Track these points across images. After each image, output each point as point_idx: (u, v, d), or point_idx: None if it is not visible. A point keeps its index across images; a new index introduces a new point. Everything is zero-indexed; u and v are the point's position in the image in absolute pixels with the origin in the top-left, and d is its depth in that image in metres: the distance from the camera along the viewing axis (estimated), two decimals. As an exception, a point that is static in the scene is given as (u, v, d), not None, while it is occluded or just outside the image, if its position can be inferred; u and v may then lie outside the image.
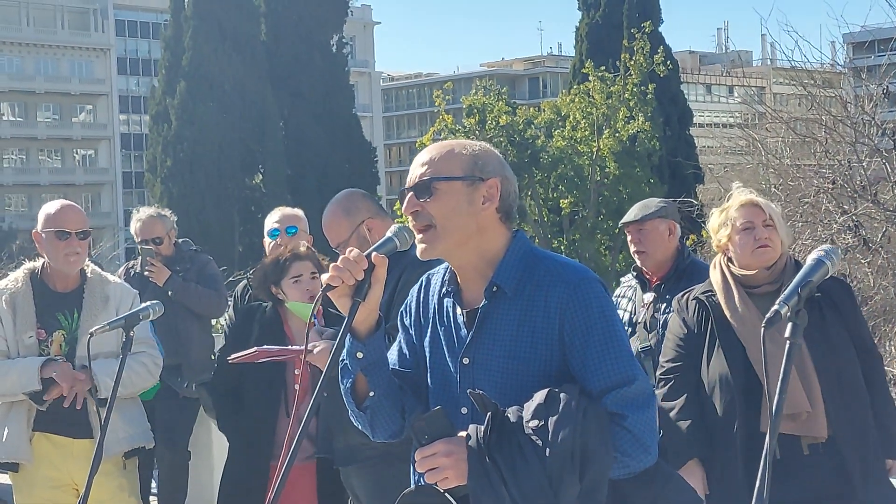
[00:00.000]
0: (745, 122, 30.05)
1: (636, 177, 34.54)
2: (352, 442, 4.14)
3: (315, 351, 4.25)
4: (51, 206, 4.83)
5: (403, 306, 2.99)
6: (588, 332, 2.67)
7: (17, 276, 4.83)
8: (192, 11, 47.73)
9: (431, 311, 2.89)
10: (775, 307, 2.31)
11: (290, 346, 4.60)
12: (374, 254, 2.71)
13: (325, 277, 2.68)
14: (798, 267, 4.04)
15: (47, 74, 74.48)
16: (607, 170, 34.29)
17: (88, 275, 4.85)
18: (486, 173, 2.78)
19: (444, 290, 2.86)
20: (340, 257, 2.68)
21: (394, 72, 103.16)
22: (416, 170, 2.81)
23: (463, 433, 2.63)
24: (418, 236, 2.77)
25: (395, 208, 26.93)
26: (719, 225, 4.14)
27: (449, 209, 2.74)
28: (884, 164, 13.79)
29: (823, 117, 15.13)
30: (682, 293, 4.27)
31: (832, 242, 12.71)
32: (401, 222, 2.97)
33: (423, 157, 2.82)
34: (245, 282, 5.82)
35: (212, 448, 6.88)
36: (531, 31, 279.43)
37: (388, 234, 2.80)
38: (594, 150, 33.55)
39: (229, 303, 6.26)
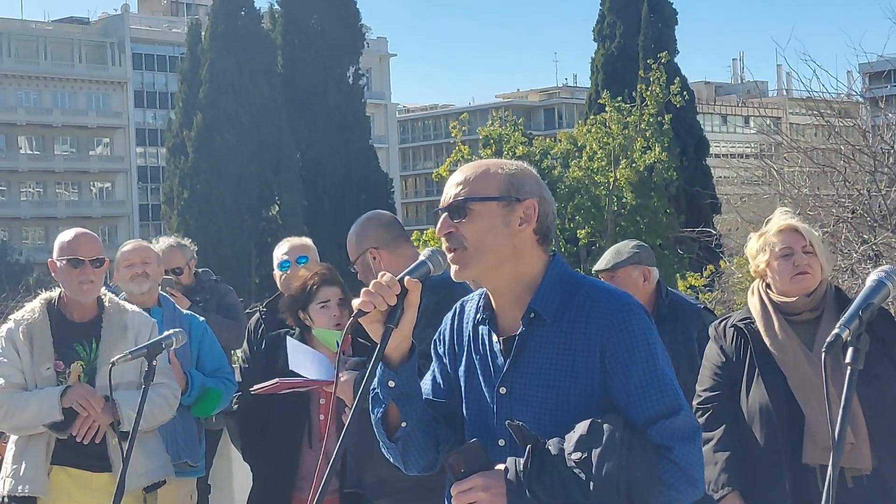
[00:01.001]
0: (762, 153, 29.99)
1: (653, 207, 34.49)
2: (382, 475, 4.04)
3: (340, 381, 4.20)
4: (65, 235, 4.77)
5: (437, 334, 2.88)
6: (631, 360, 2.56)
7: (33, 307, 4.74)
8: (208, 44, 48.04)
9: (466, 338, 2.77)
10: (836, 331, 2.16)
11: (312, 378, 4.53)
12: (406, 278, 2.60)
13: (356, 302, 2.57)
14: (839, 294, 3.96)
15: (64, 108, 74.90)
16: (624, 200, 34.23)
17: (106, 304, 4.77)
18: (523, 193, 2.67)
19: (478, 316, 2.75)
20: (372, 282, 2.58)
21: (409, 103, 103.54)
22: (450, 190, 2.70)
23: (501, 466, 2.52)
24: (451, 257, 2.67)
25: (412, 239, 26.95)
26: (758, 250, 4.05)
27: (484, 231, 2.63)
28: (903, 192, 13.71)
29: (842, 147, 15.08)
30: (718, 320, 4.19)
31: (852, 272, 12.62)
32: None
33: (457, 176, 2.71)
34: (258, 315, 5.72)
35: (231, 481, 6.80)
36: (546, 62, 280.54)
37: (422, 257, 2.69)
38: (611, 180, 33.52)
39: None
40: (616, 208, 34.20)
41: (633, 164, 33.57)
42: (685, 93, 36.65)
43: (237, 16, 47.87)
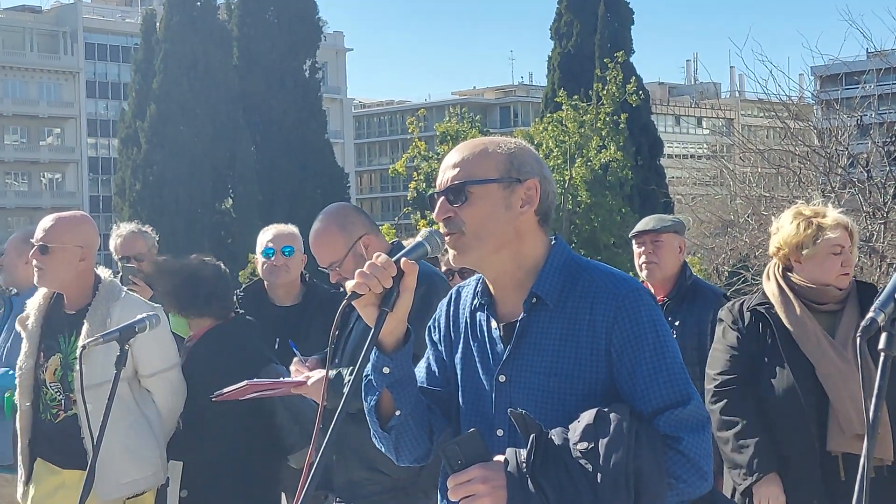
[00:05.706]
0: (715, 153, 30.24)
1: (608, 205, 34.68)
2: (354, 476, 3.84)
3: (309, 382, 3.96)
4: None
5: (432, 321, 2.77)
6: (638, 347, 2.45)
7: (40, 294, 4.51)
8: (163, 35, 47.62)
9: (463, 325, 2.66)
10: (870, 314, 2.04)
11: (281, 379, 4.33)
12: (403, 260, 2.47)
13: (350, 284, 2.45)
14: (858, 285, 3.98)
15: (15, 97, 73.97)
16: (579, 198, 34.38)
17: (100, 290, 4.39)
18: (524, 174, 2.55)
19: (476, 302, 2.64)
20: (367, 263, 2.45)
21: (365, 99, 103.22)
22: (446, 172, 2.57)
23: (500, 457, 2.39)
24: (448, 241, 2.55)
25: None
26: (800, 232, 3.98)
27: (484, 214, 2.51)
28: (857, 195, 13.88)
29: (796, 148, 15.24)
30: (732, 302, 4.14)
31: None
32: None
33: (453, 157, 2.59)
34: (235, 299, 5.66)
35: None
36: (503, 60, 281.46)
37: (419, 238, 2.58)
38: (566, 178, 33.63)
39: None
40: (571, 206, 34.32)
41: (589, 163, 33.72)
42: (640, 92, 36.89)
43: (193, 6, 47.50)
